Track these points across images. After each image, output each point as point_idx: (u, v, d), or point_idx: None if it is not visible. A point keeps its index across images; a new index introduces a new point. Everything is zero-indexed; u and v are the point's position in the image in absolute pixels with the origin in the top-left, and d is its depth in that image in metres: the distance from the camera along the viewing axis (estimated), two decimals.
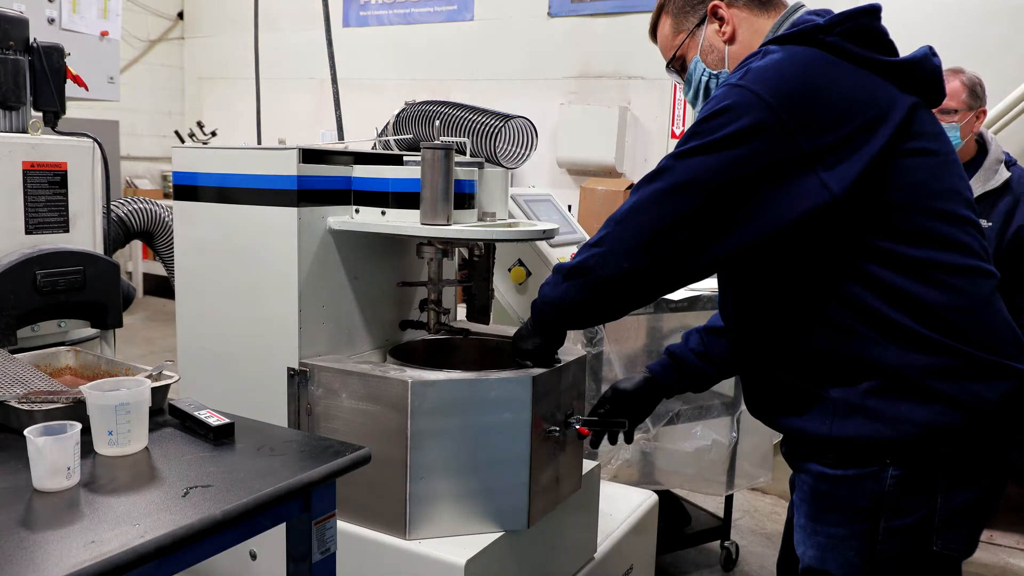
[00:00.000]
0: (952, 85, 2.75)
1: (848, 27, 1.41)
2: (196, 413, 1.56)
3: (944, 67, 1.54)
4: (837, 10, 1.44)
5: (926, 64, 1.47)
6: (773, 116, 1.33)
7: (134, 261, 8.31)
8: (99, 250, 2.50)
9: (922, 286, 1.35)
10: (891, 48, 1.46)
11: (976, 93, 2.77)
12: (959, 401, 1.33)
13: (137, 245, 7.91)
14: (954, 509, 1.39)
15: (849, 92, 1.37)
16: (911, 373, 1.34)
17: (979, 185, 2.81)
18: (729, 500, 3.23)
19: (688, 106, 6.27)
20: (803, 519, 1.50)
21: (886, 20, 1.57)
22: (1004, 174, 2.80)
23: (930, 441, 1.35)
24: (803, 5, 1.58)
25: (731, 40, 1.60)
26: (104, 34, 3.37)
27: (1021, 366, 1.37)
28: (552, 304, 1.61)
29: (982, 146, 2.87)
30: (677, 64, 1.71)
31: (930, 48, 1.50)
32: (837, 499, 1.43)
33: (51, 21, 3.16)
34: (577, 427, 1.92)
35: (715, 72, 1.63)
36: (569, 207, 3.88)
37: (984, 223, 2.79)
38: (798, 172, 1.34)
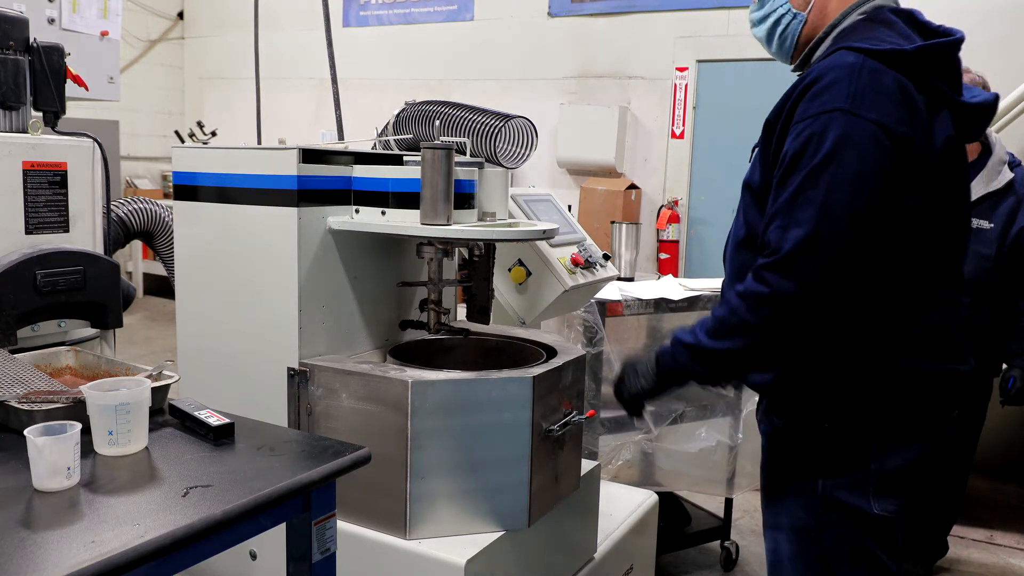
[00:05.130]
0: None
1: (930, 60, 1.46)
2: (196, 413, 1.56)
3: None
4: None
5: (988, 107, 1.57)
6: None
7: (134, 261, 8.31)
8: (99, 250, 2.50)
9: (907, 308, 1.48)
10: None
11: None
12: (892, 386, 1.49)
13: (137, 245, 7.91)
14: (887, 473, 1.52)
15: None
16: (860, 360, 1.50)
17: (982, 186, 2.79)
18: (729, 500, 3.23)
19: (688, 106, 6.28)
20: (765, 480, 1.68)
21: None
22: (1007, 175, 2.79)
23: (863, 410, 1.51)
24: None
25: None
26: (104, 34, 3.36)
27: (953, 366, 1.53)
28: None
29: (986, 146, 2.86)
30: None
31: (997, 95, 1.60)
32: (786, 459, 1.61)
33: (51, 21, 3.16)
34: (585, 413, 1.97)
35: (796, 12, 1.60)
36: (569, 207, 3.87)
37: (986, 224, 2.78)
38: None
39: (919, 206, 1.43)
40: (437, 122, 2.08)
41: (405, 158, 1.96)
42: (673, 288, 2.96)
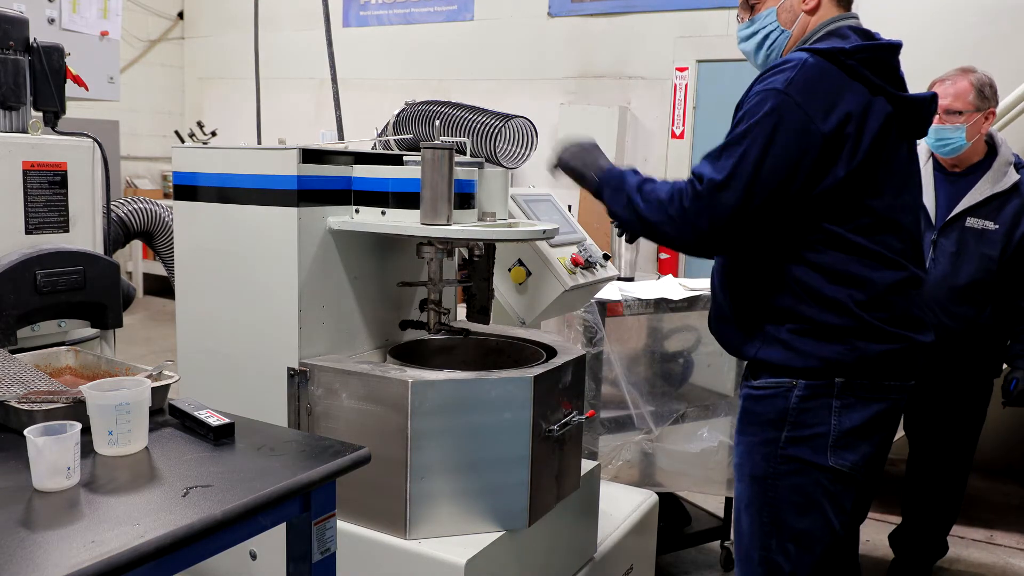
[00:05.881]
0: (960, 85, 2.73)
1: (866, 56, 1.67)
2: (196, 413, 1.56)
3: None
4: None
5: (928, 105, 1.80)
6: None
7: (134, 261, 8.31)
8: (99, 250, 2.50)
9: (855, 266, 1.68)
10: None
11: (984, 94, 2.74)
12: (852, 347, 1.70)
13: (137, 245, 7.91)
14: (845, 431, 1.73)
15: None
16: (822, 324, 1.70)
17: (987, 187, 2.79)
18: (729, 500, 3.23)
19: (688, 106, 6.28)
20: (736, 434, 1.88)
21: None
22: (1013, 176, 2.78)
23: (826, 371, 1.71)
24: (855, 16, 1.83)
25: (813, 11, 1.81)
26: (104, 34, 3.36)
27: (908, 333, 1.72)
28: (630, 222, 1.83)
29: (992, 147, 2.85)
30: (750, 1, 1.91)
31: (934, 94, 1.83)
32: (755, 413, 1.81)
33: (51, 21, 3.16)
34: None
35: (783, 28, 1.85)
36: (569, 207, 3.87)
37: (991, 225, 2.78)
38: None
39: (853, 177, 1.65)
40: (437, 122, 2.08)
41: (405, 158, 1.96)
42: (673, 288, 2.96)
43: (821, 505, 1.75)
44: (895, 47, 1.74)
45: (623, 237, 2.22)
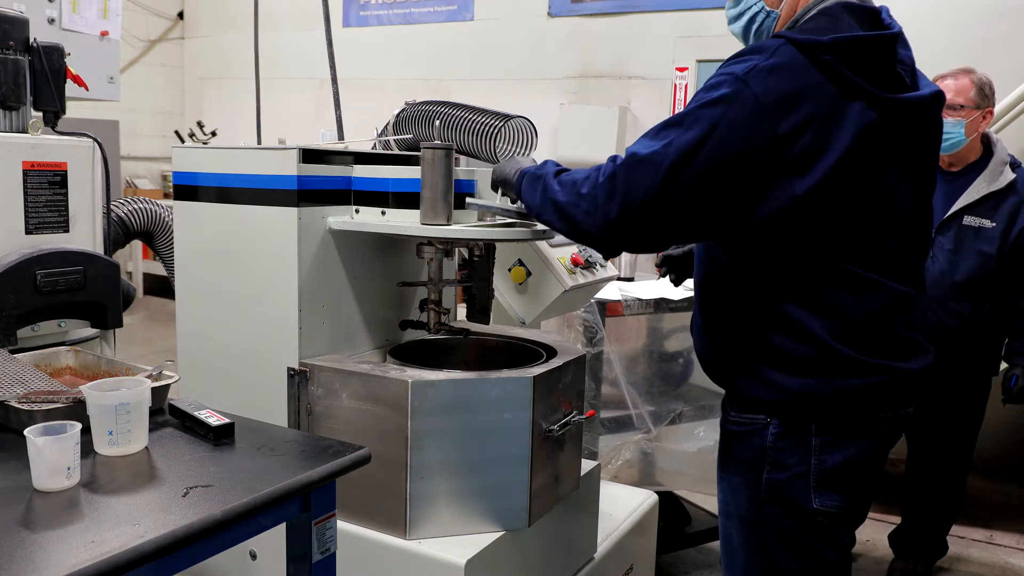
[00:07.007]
0: (961, 81, 2.80)
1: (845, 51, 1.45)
2: (196, 413, 1.56)
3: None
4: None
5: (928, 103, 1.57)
6: None
7: (134, 261, 8.31)
8: (99, 250, 2.50)
9: (831, 291, 1.51)
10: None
11: (984, 93, 2.80)
12: (827, 381, 1.53)
13: (137, 245, 7.91)
14: (827, 470, 1.56)
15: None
16: (792, 354, 1.54)
17: (984, 185, 2.82)
18: None
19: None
20: (718, 469, 1.75)
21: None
22: (1009, 175, 2.82)
23: (799, 405, 1.56)
24: None
25: None
26: (104, 34, 3.36)
27: (890, 363, 1.54)
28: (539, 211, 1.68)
29: (987, 147, 2.89)
30: None
31: (936, 91, 1.59)
32: (734, 452, 1.67)
33: (51, 21, 3.16)
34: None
35: (769, 10, 1.64)
36: None
37: (988, 223, 2.80)
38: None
39: (819, 196, 1.44)
40: (437, 122, 2.08)
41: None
42: (673, 288, 2.96)
43: (814, 545, 1.60)
44: (887, 39, 1.50)
45: (666, 277, 2.20)
